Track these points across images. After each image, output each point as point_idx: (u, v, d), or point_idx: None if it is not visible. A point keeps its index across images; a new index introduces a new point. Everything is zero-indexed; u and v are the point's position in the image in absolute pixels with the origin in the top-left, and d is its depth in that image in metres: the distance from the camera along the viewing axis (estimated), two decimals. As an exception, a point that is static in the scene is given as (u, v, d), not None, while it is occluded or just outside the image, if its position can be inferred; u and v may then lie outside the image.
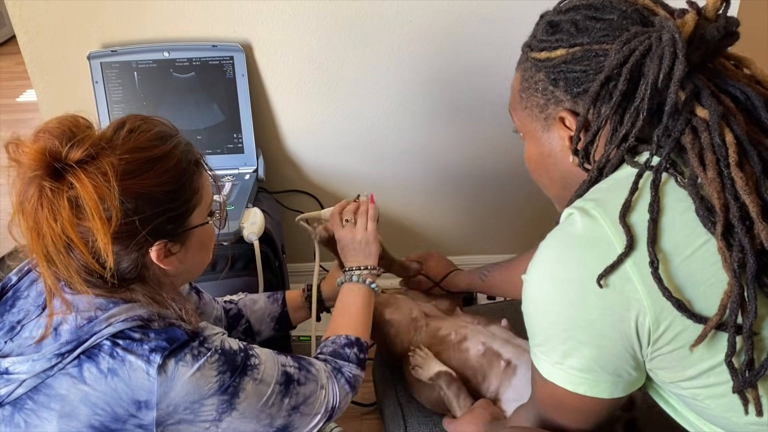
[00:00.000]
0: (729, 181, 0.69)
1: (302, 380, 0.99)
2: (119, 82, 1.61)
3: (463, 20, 1.59)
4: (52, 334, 0.83)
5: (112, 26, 1.59)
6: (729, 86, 0.74)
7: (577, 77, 0.78)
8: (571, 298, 0.74)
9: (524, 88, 0.86)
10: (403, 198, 1.86)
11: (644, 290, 0.69)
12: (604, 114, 0.76)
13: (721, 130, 0.70)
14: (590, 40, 0.77)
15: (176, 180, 0.85)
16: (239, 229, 1.41)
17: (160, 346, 0.83)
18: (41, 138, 0.80)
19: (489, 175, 1.82)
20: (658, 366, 0.74)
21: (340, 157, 1.78)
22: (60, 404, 0.81)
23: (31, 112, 3.22)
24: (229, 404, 0.88)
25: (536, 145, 0.88)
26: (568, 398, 0.78)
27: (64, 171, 0.78)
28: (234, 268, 1.45)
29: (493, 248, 1.96)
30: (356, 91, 1.69)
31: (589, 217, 0.74)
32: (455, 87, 1.68)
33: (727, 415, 0.73)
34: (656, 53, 0.71)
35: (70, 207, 0.78)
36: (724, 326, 0.68)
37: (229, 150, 1.67)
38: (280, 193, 1.81)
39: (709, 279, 0.69)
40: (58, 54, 1.61)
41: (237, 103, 1.64)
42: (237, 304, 1.27)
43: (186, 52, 1.60)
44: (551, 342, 0.77)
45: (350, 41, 1.62)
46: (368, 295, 1.18)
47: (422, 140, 1.76)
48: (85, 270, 0.82)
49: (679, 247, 0.70)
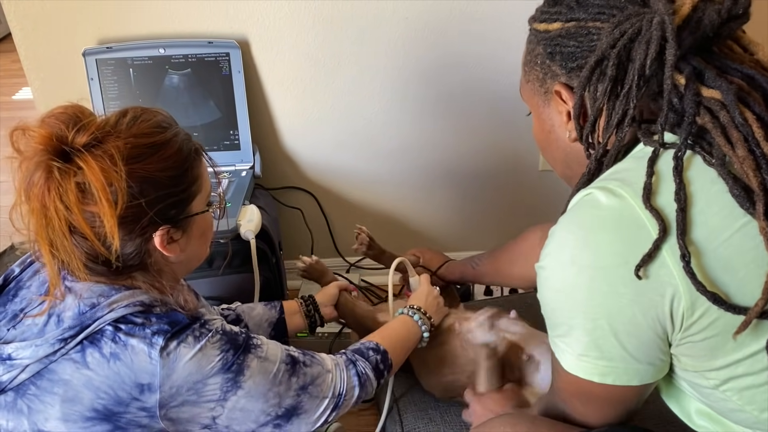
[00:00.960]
0: (763, 159, 0.65)
1: (308, 363, 1.00)
2: (115, 78, 1.61)
3: (459, 17, 1.59)
4: (55, 320, 0.84)
5: (107, 23, 1.59)
6: (731, 69, 0.70)
7: (571, 52, 0.75)
8: (599, 286, 0.69)
9: (527, 61, 0.84)
10: (398, 194, 1.86)
11: (680, 275, 0.65)
12: (600, 98, 0.73)
13: (739, 108, 0.66)
14: (586, 16, 0.74)
15: (178, 166, 0.87)
16: (236, 226, 1.41)
17: (162, 329, 0.84)
18: (47, 123, 0.81)
19: (483, 172, 1.82)
20: (685, 353, 0.71)
21: (336, 153, 1.78)
22: (63, 389, 0.82)
23: (27, 109, 3.22)
24: (234, 382, 0.89)
25: (539, 120, 0.86)
26: (594, 389, 0.74)
27: (71, 154, 0.80)
28: (231, 265, 1.45)
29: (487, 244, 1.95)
30: (352, 88, 1.69)
31: (616, 196, 0.69)
32: (451, 84, 1.68)
33: (747, 408, 0.71)
34: (644, 37, 0.68)
35: (77, 190, 0.79)
36: (766, 314, 0.64)
37: (225, 147, 1.67)
38: (277, 190, 1.81)
39: (748, 264, 0.65)
40: (53, 51, 1.61)
41: (233, 100, 1.63)
42: (235, 310, 1.28)
43: (182, 48, 1.60)
44: (575, 333, 0.73)
45: (346, 38, 1.62)
46: (416, 335, 1.21)
47: (418, 137, 1.76)
48: (88, 256, 0.83)
49: (716, 230, 0.66)
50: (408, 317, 1.22)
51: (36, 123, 0.81)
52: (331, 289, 1.40)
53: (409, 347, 1.20)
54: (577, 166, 0.82)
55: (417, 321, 1.22)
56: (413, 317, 1.22)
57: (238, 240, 1.42)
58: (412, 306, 1.25)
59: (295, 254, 1.91)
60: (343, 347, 1.63)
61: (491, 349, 1.18)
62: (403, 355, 1.18)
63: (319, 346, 1.64)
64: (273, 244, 1.53)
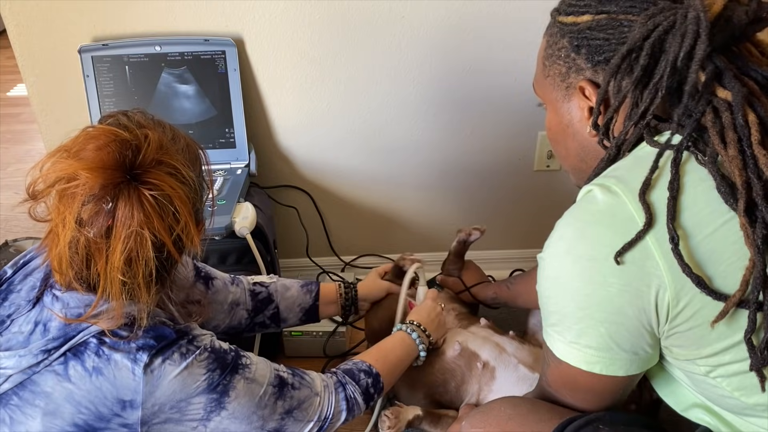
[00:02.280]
0: (751, 159, 0.68)
1: (296, 385, 0.98)
2: (110, 76, 1.61)
3: (456, 16, 1.59)
4: (41, 330, 0.82)
5: (103, 20, 1.58)
6: (751, 70, 0.73)
7: (599, 45, 0.77)
8: (591, 275, 0.73)
9: (548, 55, 0.85)
10: (393, 193, 1.86)
11: (665, 266, 0.69)
12: (625, 88, 0.75)
13: (744, 110, 0.69)
14: (617, 9, 0.76)
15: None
16: (231, 223, 1.41)
17: (148, 345, 0.82)
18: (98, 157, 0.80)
19: (482, 171, 1.82)
20: (674, 343, 0.74)
21: (332, 152, 1.78)
22: (44, 401, 0.81)
23: (21, 106, 3.21)
24: (218, 403, 0.87)
25: (556, 114, 0.87)
26: (582, 378, 0.78)
27: (140, 176, 0.80)
28: (226, 263, 1.45)
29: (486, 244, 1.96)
30: (349, 87, 1.69)
31: (611, 193, 0.73)
32: (448, 82, 1.68)
33: (736, 394, 0.73)
34: (679, 30, 0.70)
35: (155, 206, 0.80)
36: (744, 303, 0.68)
37: (220, 144, 1.67)
38: (272, 188, 1.80)
39: (730, 257, 0.69)
40: (48, 48, 1.60)
41: (229, 98, 1.63)
42: (268, 288, 1.25)
43: (178, 46, 1.59)
44: (567, 321, 0.76)
45: (343, 36, 1.62)
46: (412, 353, 1.19)
47: (414, 136, 1.76)
48: (151, 273, 0.82)
49: (700, 224, 0.69)
50: (406, 335, 1.19)
51: (80, 165, 0.79)
52: (380, 289, 1.36)
53: (403, 367, 1.17)
54: (592, 160, 0.84)
55: (415, 339, 1.19)
56: (411, 335, 1.19)
57: (232, 238, 1.42)
58: (412, 322, 1.21)
59: (290, 253, 1.92)
60: (337, 347, 1.64)
61: (416, 420, 1.20)
62: (396, 376, 1.16)
63: (312, 345, 1.64)
64: (268, 242, 1.53)
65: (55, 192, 0.80)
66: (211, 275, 1.18)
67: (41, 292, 0.85)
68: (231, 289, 1.20)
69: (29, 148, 2.82)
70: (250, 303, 1.23)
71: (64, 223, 0.78)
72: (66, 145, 0.82)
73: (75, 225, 0.78)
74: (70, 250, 0.79)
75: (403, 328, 1.20)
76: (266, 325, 1.26)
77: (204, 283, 1.16)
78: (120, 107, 1.61)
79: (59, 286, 0.84)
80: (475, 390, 1.21)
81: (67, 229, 0.78)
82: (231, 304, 1.20)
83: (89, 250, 0.79)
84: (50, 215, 0.81)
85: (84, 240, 0.78)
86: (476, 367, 1.20)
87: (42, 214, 0.82)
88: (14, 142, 2.91)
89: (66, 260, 0.80)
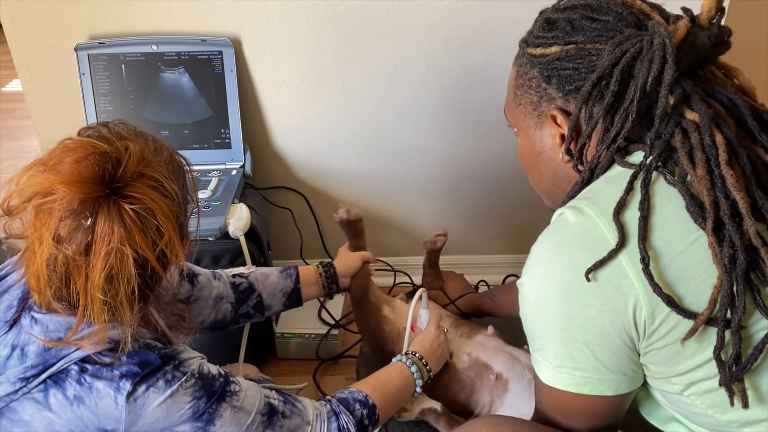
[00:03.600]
0: (719, 179, 0.70)
1: (287, 413, 0.95)
2: (106, 74, 1.60)
3: (454, 21, 1.59)
4: (18, 354, 0.79)
5: (100, 18, 1.58)
6: (716, 93, 0.76)
7: (569, 74, 0.79)
8: (569, 297, 0.74)
9: (519, 85, 0.87)
10: (389, 196, 1.86)
11: (640, 285, 0.70)
12: (597, 115, 0.77)
13: (711, 131, 0.71)
14: (585, 39, 0.78)
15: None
16: (225, 224, 1.40)
17: (131, 372, 0.79)
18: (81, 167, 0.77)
19: (477, 175, 1.82)
20: (651, 361, 0.75)
21: (327, 154, 1.78)
22: (23, 429, 0.78)
23: (16, 102, 3.19)
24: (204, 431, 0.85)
25: (528, 141, 0.89)
26: (573, 401, 0.78)
27: (121, 189, 0.78)
28: (219, 264, 1.45)
29: (484, 249, 1.97)
30: (345, 89, 1.68)
31: (582, 215, 0.74)
32: (444, 86, 1.69)
33: (710, 411, 0.74)
34: (646, 56, 0.72)
35: (138, 221, 0.77)
36: (713, 321, 0.69)
37: (216, 145, 1.66)
38: (267, 190, 1.80)
39: (700, 275, 0.70)
40: (44, 45, 1.60)
41: (225, 99, 1.63)
42: (248, 278, 1.24)
43: (175, 45, 1.59)
44: (552, 345, 0.77)
45: (340, 39, 1.62)
46: (410, 387, 1.14)
47: (411, 139, 1.76)
48: (133, 291, 0.79)
49: (672, 243, 0.71)
50: (405, 367, 1.14)
51: (57, 178, 0.76)
52: (354, 260, 1.33)
53: (401, 400, 1.13)
54: (565, 184, 0.85)
55: (413, 373, 1.14)
56: (411, 368, 1.14)
57: (226, 239, 1.41)
58: (414, 353, 1.17)
59: (284, 255, 1.92)
60: (329, 349, 1.64)
61: (431, 413, 1.16)
62: (394, 408, 1.12)
63: (304, 347, 1.64)
64: (261, 243, 1.53)
65: (32, 207, 0.76)
66: (194, 272, 1.16)
67: (19, 314, 0.81)
68: (214, 284, 1.19)
69: (24, 144, 2.81)
70: (232, 295, 1.21)
71: (41, 240, 0.75)
72: (43, 159, 0.78)
73: (52, 242, 0.75)
74: (47, 268, 0.76)
75: (403, 359, 1.16)
76: (251, 315, 1.24)
77: (189, 282, 1.15)
78: (115, 106, 1.61)
79: (38, 308, 0.80)
80: (487, 402, 1.18)
81: (44, 246, 0.75)
82: (215, 298, 1.19)
83: (68, 268, 0.76)
84: (26, 232, 0.78)
85: (62, 257, 0.75)
86: (488, 379, 1.17)
87: (18, 231, 0.79)
88: (9, 138, 2.89)
89: (44, 279, 0.77)
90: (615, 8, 0.79)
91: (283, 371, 1.63)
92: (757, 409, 0.71)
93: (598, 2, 0.80)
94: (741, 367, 0.69)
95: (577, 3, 0.82)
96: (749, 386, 0.71)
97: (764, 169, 0.73)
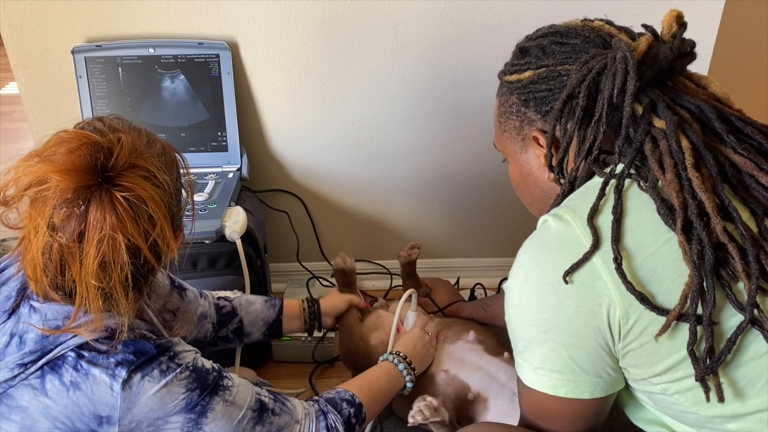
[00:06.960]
0: (687, 182, 0.74)
1: (277, 411, 0.96)
2: (103, 77, 1.60)
3: (450, 24, 1.60)
4: (17, 342, 0.80)
5: (97, 21, 1.58)
6: (683, 101, 0.80)
7: (544, 96, 0.84)
8: (547, 300, 0.77)
9: (501, 113, 0.93)
10: (385, 199, 1.86)
11: (613, 285, 0.73)
12: (570, 129, 0.81)
13: (677, 137, 0.76)
14: (555, 61, 0.84)
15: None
16: (221, 227, 1.41)
17: (127, 360, 0.81)
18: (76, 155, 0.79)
19: (473, 179, 1.83)
20: (630, 363, 0.77)
21: (324, 157, 1.78)
22: (21, 416, 0.79)
23: (14, 104, 3.19)
24: (195, 423, 0.86)
25: (517, 165, 0.94)
26: (551, 404, 0.81)
27: (113, 178, 0.79)
28: (215, 267, 1.45)
29: (477, 251, 1.97)
30: (342, 92, 1.69)
31: (562, 221, 0.78)
32: (441, 90, 1.69)
33: (693, 408, 0.76)
34: (610, 71, 0.77)
35: (131, 209, 0.78)
36: (685, 317, 0.72)
37: (212, 148, 1.66)
38: (264, 192, 1.80)
39: (672, 275, 0.73)
40: (41, 47, 1.60)
41: (222, 101, 1.63)
42: (232, 302, 1.25)
43: (172, 48, 1.59)
44: (531, 347, 0.80)
45: (337, 42, 1.62)
46: (397, 385, 1.18)
47: (407, 143, 1.77)
48: (127, 278, 0.80)
49: (643, 245, 0.74)
50: (393, 366, 1.18)
51: (51, 167, 0.77)
52: (341, 302, 1.36)
53: (387, 398, 1.16)
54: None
55: (402, 371, 1.18)
56: (398, 366, 1.18)
57: (222, 241, 1.41)
58: (398, 353, 1.20)
59: (280, 257, 1.92)
60: (325, 352, 1.64)
61: (438, 425, 1.16)
62: (380, 407, 1.14)
63: (301, 350, 1.64)
64: (258, 246, 1.53)
65: (27, 197, 0.78)
66: (183, 286, 1.18)
67: (17, 304, 0.83)
68: (200, 301, 1.21)
69: (21, 146, 2.80)
70: (215, 316, 1.23)
71: (36, 228, 0.77)
72: (37, 150, 0.81)
73: (47, 230, 0.76)
74: (43, 256, 0.77)
75: (390, 358, 1.20)
76: (229, 339, 1.26)
77: (179, 293, 1.16)
78: (112, 108, 1.61)
79: (36, 297, 0.82)
80: (471, 417, 1.18)
81: (40, 234, 0.76)
82: (200, 316, 1.21)
83: (63, 256, 0.77)
84: (23, 222, 0.80)
85: (57, 245, 0.77)
86: (467, 399, 1.18)
87: (14, 221, 0.81)
88: (6, 140, 2.89)
89: (40, 267, 0.78)
90: (582, 32, 0.84)
91: (280, 374, 1.63)
92: (737, 404, 0.73)
93: (567, 29, 0.86)
94: (715, 359, 0.71)
95: (548, 31, 0.88)
96: (727, 381, 0.73)
97: (733, 169, 0.77)
